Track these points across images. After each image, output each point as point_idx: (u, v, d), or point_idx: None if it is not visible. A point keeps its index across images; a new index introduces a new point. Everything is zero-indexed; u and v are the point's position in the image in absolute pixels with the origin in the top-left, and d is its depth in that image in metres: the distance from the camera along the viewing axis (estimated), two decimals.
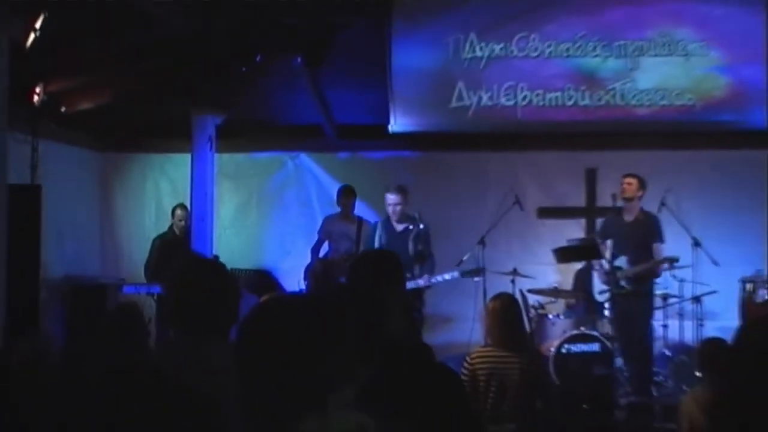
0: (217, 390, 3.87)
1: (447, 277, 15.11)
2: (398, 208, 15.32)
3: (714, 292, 15.57)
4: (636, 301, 14.96)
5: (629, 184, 15.15)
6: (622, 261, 14.98)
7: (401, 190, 15.44)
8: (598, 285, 15.79)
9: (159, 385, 2.60)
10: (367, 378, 4.14)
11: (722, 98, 17.49)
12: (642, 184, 15.16)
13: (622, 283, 14.90)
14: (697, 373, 10.92)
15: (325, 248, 16.83)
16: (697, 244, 15.24)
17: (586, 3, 17.34)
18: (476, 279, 15.19)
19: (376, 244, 15.11)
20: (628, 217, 15.15)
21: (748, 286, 15.79)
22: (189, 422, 2.44)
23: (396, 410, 4.02)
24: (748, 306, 15.64)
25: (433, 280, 15.01)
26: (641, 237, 15.01)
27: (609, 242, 15.34)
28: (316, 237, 16.86)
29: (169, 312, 6.29)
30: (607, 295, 15.20)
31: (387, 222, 15.52)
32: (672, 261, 15.00)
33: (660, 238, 15.07)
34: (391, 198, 15.37)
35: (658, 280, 15.32)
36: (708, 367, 9.83)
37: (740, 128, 17.55)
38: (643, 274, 14.93)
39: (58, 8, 12.30)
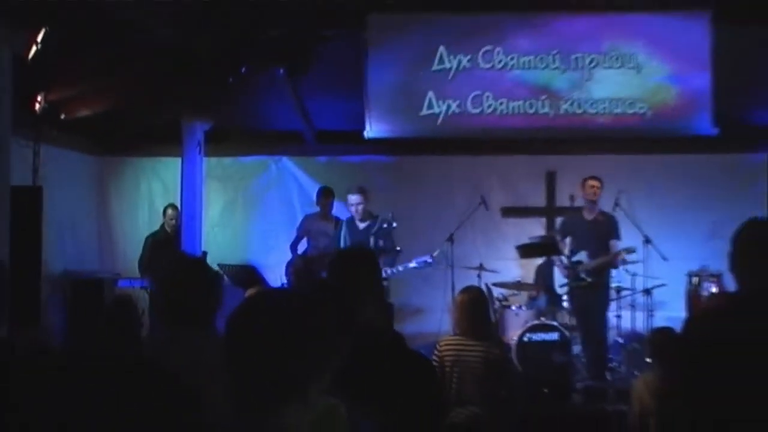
0: (199, 376, 3.92)
1: (409, 265, 15.21)
2: (360, 207, 15.43)
3: (663, 285, 15.68)
4: (593, 293, 15.07)
5: (594, 186, 15.27)
6: (582, 256, 15.08)
7: (362, 191, 15.55)
8: (559, 279, 15.87)
9: (142, 373, 2.67)
10: (343, 364, 4.22)
11: (671, 106, 17.58)
12: (601, 186, 15.29)
13: (582, 275, 15.01)
14: (648, 360, 11.04)
15: (303, 245, 16.91)
16: (647, 241, 15.35)
17: (545, 19, 17.39)
18: (429, 261, 15.22)
19: (341, 242, 15.24)
20: (588, 216, 15.25)
21: (694, 280, 15.91)
22: (169, 406, 2.51)
23: (372, 394, 4.11)
24: (693, 298, 15.77)
25: (396, 270, 15.12)
26: (601, 235, 15.12)
27: (568, 239, 15.44)
28: (294, 234, 16.93)
29: (157, 305, 6.41)
30: (567, 288, 15.31)
31: (351, 221, 15.64)
32: (629, 251, 15.12)
33: (618, 236, 15.20)
34: (353, 198, 15.49)
35: (612, 274, 15.43)
36: (657, 354, 9.95)
37: (688, 134, 17.65)
38: (603, 266, 15.04)
39: (58, 23, 12.35)
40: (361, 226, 15.51)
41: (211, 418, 2.91)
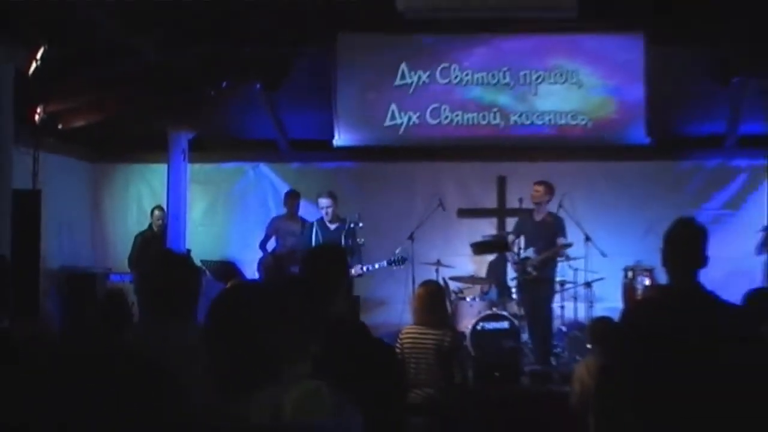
0: (179, 361, 3.94)
1: (377, 266, 15.25)
2: (330, 209, 15.43)
3: (602, 278, 15.77)
4: (540, 286, 15.13)
5: (537, 191, 15.34)
6: (530, 252, 15.15)
7: (331, 195, 15.55)
8: (510, 273, 15.93)
9: (124, 360, 2.71)
10: (318, 352, 4.26)
11: (609, 118, 17.66)
12: (549, 190, 15.36)
13: (530, 270, 15.08)
14: (588, 346, 11.07)
15: (272, 244, 16.94)
16: (588, 239, 15.42)
17: (496, 39, 17.44)
18: (400, 267, 15.31)
19: (313, 241, 15.26)
20: (538, 217, 15.29)
21: (630, 274, 15.95)
22: (147, 389, 2.55)
23: (341, 377, 4.16)
24: (629, 290, 15.83)
25: (362, 270, 15.18)
26: (548, 234, 15.16)
27: (522, 238, 15.52)
28: (263, 234, 16.97)
29: (142, 297, 6.43)
30: (516, 282, 15.38)
31: (321, 222, 15.63)
32: (568, 246, 15.21)
33: (564, 234, 15.23)
34: (323, 201, 15.47)
35: (558, 269, 15.51)
36: (597, 340, 10.01)
37: (624, 143, 17.75)
38: (546, 260, 15.11)
39: (56, 42, 12.36)
40: (332, 227, 15.50)
41: (189, 399, 2.93)
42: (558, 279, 15.59)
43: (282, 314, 3.57)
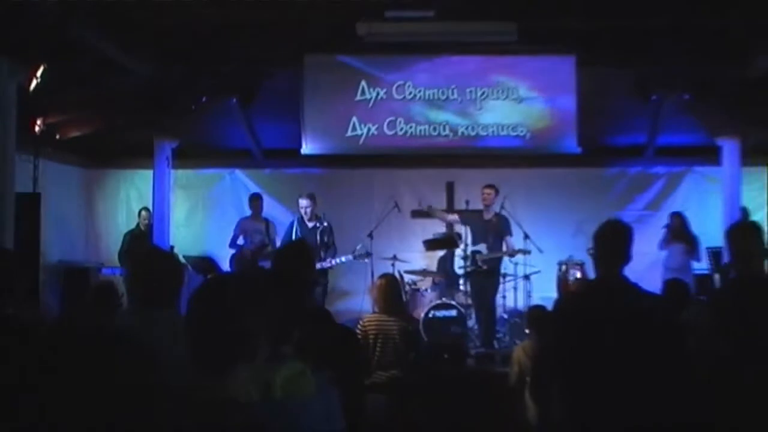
0: (162, 342, 3.96)
1: (343, 259, 15.29)
2: (308, 209, 15.47)
3: (539, 271, 15.92)
4: (487, 277, 15.20)
5: (488, 193, 15.40)
6: (481, 247, 15.21)
7: (311, 197, 15.60)
8: (459, 263, 15.96)
9: (113, 342, 2.75)
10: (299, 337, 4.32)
11: (545, 130, 17.71)
12: (497, 192, 15.42)
13: (480, 263, 15.14)
14: (526, 331, 11.18)
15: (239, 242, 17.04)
16: (527, 236, 15.53)
17: (445, 59, 17.47)
18: (366, 261, 15.38)
19: (293, 236, 15.28)
20: (486, 216, 15.33)
21: (563, 268, 16.05)
22: (131, 366, 2.59)
23: (312, 358, 4.22)
24: (563, 282, 15.94)
25: (333, 262, 15.24)
26: (496, 232, 15.20)
27: (468, 229, 15.58)
28: (232, 234, 17.03)
29: (132, 287, 6.48)
30: (466, 273, 15.45)
31: (301, 220, 15.66)
32: (525, 252, 15.33)
33: (510, 232, 15.30)
34: (303, 202, 15.53)
35: (502, 263, 15.58)
36: (533, 326, 10.11)
37: (558, 152, 17.83)
38: (498, 258, 15.19)
39: (54, 61, 12.36)
40: (310, 225, 15.54)
41: (169, 377, 2.97)
42: (501, 272, 15.68)
43: (255, 301, 3.60)
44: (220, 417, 3.32)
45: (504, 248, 15.31)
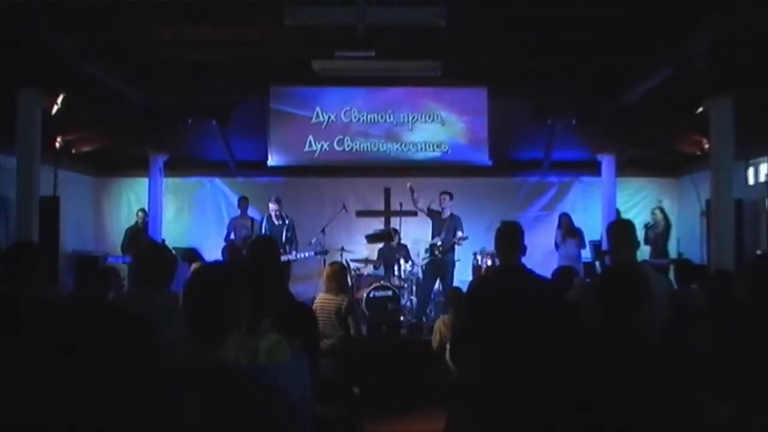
0: (158, 317, 4.00)
1: (306, 254, 15.43)
2: (276, 211, 15.71)
3: (459, 260, 15.78)
4: (443, 264, 15.22)
5: (445, 198, 15.38)
6: (437, 240, 15.15)
7: (278, 200, 15.86)
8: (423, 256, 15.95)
9: (118, 315, 2.78)
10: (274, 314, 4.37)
11: (463, 147, 17.82)
12: (451, 197, 15.53)
13: (437, 253, 15.17)
14: (448, 308, 11.25)
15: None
16: (464, 237, 15.53)
17: (383, 90, 17.53)
18: (324, 257, 15.46)
19: (263, 232, 15.48)
20: (444, 216, 15.31)
21: (477, 257, 15.98)
22: (134, 337, 2.61)
23: (281, 331, 4.26)
24: (477, 269, 15.96)
25: (297, 256, 15.34)
26: (450, 228, 15.18)
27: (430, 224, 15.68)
28: (226, 231, 17.05)
29: (134, 271, 6.54)
30: (428, 259, 15.46)
31: (269, 219, 15.80)
32: (464, 239, 15.31)
33: (461, 229, 15.26)
34: (272, 206, 15.82)
35: (455, 254, 15.58)
36: (451, 303, 10.19)
37: (473, 164, 17.93)
38: (449, 247, 15.20)
39: (71, 91, 12.35)
40: (277, 223, 15.79)
41: (166, 346, 3.01)
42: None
43: (233, 284, 3.65)
44: (214, 377, 3.38)
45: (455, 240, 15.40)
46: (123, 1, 10.60)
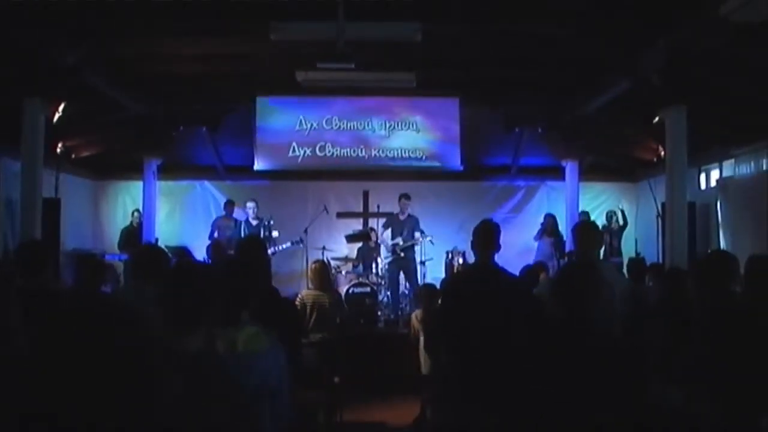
0: (148, 309, 4.06)
1: (283, 246, 15.58)
2: (253, 211, 15.90)
3: (431, 258, 15.96)
4: (405, 262, 15.33)
5: (405, 202, 15.54)
6: (398, 240, 15.29)
7: (254, 201, 16.11)
8: (384, 253, 16.02)
9: (112, 305, 2.82)
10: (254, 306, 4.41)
11: (437, 153, 17.88)
12: (410, 200, 15.61)
13: (398, 252, 15.28)
14: (419, 303, 11.31)
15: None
16: (422, 232, 15.61)
17: (362, 99, 17.56)
18: (300, 246, 15.57)
19: (242, 233, 15.54)
20: (401, 217, 15.34)
21: (450, 255, 16.06)
22: (127, 325, 2.65)
23: (265, 323, 4.31)
24: (449, 266, 16.02)
25: (276, 249, 15.45)
26: (409, 228, 15.27)
27: (389, 230, 15.73)
28: (210, 230, 17.09)
29: (130, 268, 6.60)
30: (390, 259, 15.61)
31: (247, 220, 15.94)
32: (427, 237, 15.53)
33: (419, 229, 15.39)
34: (250, 205, 16.06)
35: (415, 252, 15.73)
36: (424, 299, 10.24)
37: (446, 169, 18.00)
38: (410, 246, 15.34)
39: (71, 100, 12.36)
40: (254, 223, 15.84)
41: (155, 334, 3.05)
42: (418, 260, 15.81)
43: (211, 280, 3.74)
44: (196, 364, 3.45)
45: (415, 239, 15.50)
46: (122, 18, 10.66)
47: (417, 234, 15.49)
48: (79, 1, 9.97)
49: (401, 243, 15.37)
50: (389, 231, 15.78)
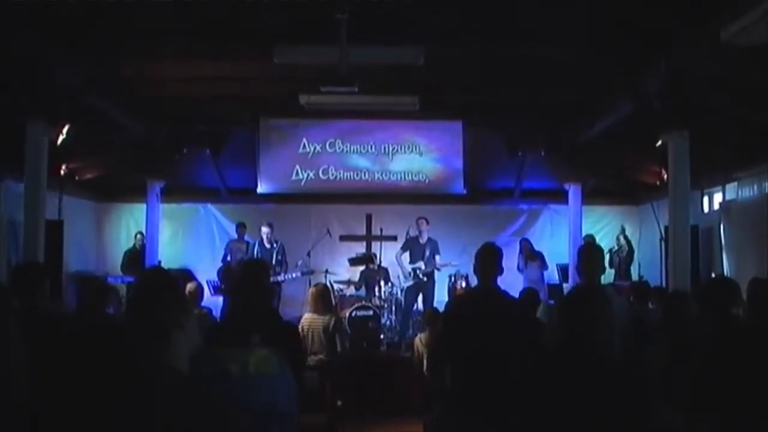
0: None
1: (294, 275, 15.62)
2: (268, 235, 15.86)
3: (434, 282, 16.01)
4: (427, 285, 15.27)
5: (422, 224, 15.48)
6: (419, 264, 15.23)
7: (270, 225, 16.05)
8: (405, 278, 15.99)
9: (112, 326, 2.84)
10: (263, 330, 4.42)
11: (440, 176, 18.04)
12: (428, 223, 15.60)
13: (420, 276, 15.21)
14: (423, 326, 11.29)
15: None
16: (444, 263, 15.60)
17: (365, 123, 17.65)
18: (311, 276, 15.57)
19: (255, 255, 15.56)
20: (422, 240, 15.33)
21: (452, 278, 16.06)
22: (124, 345, 2.66)
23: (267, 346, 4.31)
24: (453, 290, 16.00)
25: (287, 277, 15.50)
26: (429, 252, 15.27)
27: (408, 252, 15.64)
28: (223, 252, 17.14)
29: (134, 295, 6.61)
30: (412, 282, 15.46)
31: (261, 242, 15.91)
32: (454, 265, 15.66)
33: (438, 252, 15.34)
34: (265, 229, 15.97)
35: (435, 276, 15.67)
36: (428, 322, 10.24)
37: (450, 193, 18.10)
38: (432, 271, 15.35)
39: (75, 122, 12.41)
40: (268, 246, 15.90)
41: (157, 356, 3.05)
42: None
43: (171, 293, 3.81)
44: (209, 385, 3.46)
45: (436, 264, 15.50)
46: (126, 40, 10.75)
47: (437, 257, 15.47)
48: (82, 23, 10.04)
49: (423, 267, 15.32)
50: (407, 254, 15.69)
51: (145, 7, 9.51)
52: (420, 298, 15.55)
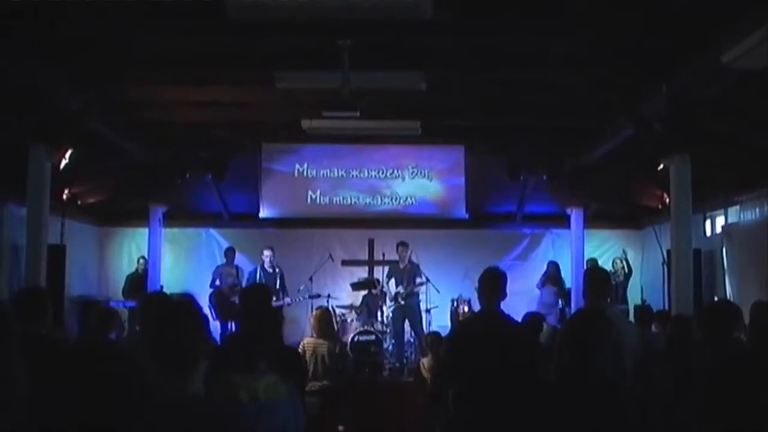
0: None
1: (300, 299, 15.77)
2: (269, 259, 15.88)
3: (436, 306, 16.02)
4: (409, 310, 15.35)
5: (403, 250, 15.64)
6: (400, 288, 15.34)
7: (271, 249, 16.08)
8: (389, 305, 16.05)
9: (109, 350, 2.83)
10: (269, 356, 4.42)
11: (443, 201, 18.09)
12: (408, 248, 15.65)
13: (400, 300, 15.31)
14: (427, 351, 11.29)
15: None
16: (428, 280, 15.62)
17: (369, 148, 17.75)
18: (314, 300, 15.56)
19: (257, 279, 15.57)
20: (402, 265, 15.48)
21: (455, 303, 16.07)
22: (122, 372, 2.65)
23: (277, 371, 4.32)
24: (455, 314, 16.02)
25: (289, 301, 15.51)
26: (410, 276, 15.35)
27: (393, 279, 15.77)
28: (211, 277, 17.15)
29: (137, 315, 6.61)
30: (393, 307, 15.60)
31: (263, 267, 15.92)
32: (422, 284, 15.53)
33: (419, 274, 15.49)
34: (266, 253, 16.02)
35: (418, 300, 15.73)
36: (430, 347, 10.25)
37: (452, 217, 18.14)
38: (411, 293, 15.35)
39: (77, 147, 12.45)
40: (270, 270, 15.94)
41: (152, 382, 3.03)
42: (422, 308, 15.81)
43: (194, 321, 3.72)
44: (215, 412, 3.44)
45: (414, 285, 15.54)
46: (128, 65, 10.80)
47: (417, 279, 15.52)
48: (85, 48, 10.09)
49: (402, 291, 15.39)
50: (392, 280, 15.82)
51: (148, 32, 9.57)
52: (406, 322, 15.62)
